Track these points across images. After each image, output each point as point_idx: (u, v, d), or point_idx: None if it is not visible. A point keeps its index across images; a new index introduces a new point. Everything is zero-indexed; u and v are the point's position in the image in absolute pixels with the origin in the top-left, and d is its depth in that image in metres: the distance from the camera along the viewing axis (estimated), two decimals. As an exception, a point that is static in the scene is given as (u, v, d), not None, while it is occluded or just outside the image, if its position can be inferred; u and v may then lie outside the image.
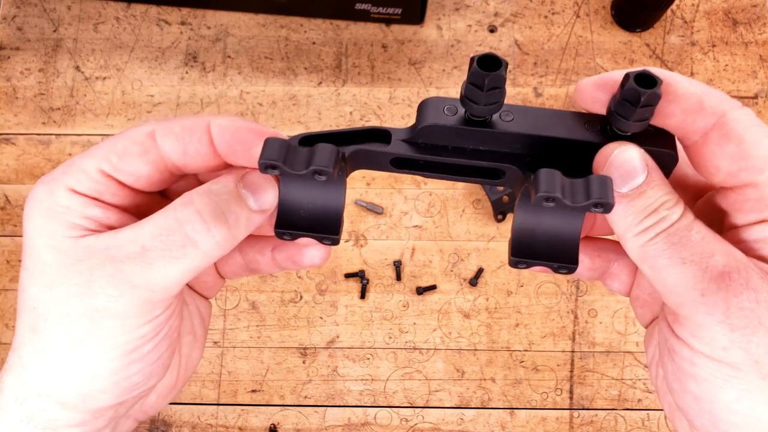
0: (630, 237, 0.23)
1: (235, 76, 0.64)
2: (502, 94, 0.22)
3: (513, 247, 0.25)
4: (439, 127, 0.24)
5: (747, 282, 0.21)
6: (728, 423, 0.22)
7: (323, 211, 0.27)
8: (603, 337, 0.58)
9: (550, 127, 0.24)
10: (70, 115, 0.63)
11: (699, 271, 0.21)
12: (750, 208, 0.23)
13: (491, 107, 0.23)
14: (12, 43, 0.65)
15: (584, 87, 0.24)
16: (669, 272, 0.22)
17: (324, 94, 0.64)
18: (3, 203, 0.62)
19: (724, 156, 0.22)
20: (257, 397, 0.58)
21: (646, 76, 0.21)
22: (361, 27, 0.65)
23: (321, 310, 0.59)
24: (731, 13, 0.65)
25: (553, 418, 0.57)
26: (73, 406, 0.25)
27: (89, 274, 0.24)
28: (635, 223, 0.23)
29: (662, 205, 0.22)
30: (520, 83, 0.63)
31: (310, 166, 0.23)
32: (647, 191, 0.23)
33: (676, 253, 0.22)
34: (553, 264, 0.25)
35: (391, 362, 0.58)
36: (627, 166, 0.22)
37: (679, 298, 0.22)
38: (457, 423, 0.57)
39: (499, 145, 0.24)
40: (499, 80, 0.21)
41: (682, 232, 0.22)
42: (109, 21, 0.66)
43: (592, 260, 0.29)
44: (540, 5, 0.66)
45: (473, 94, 0.22)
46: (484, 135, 0.24)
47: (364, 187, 0.61)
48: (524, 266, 0.25)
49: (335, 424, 0.57)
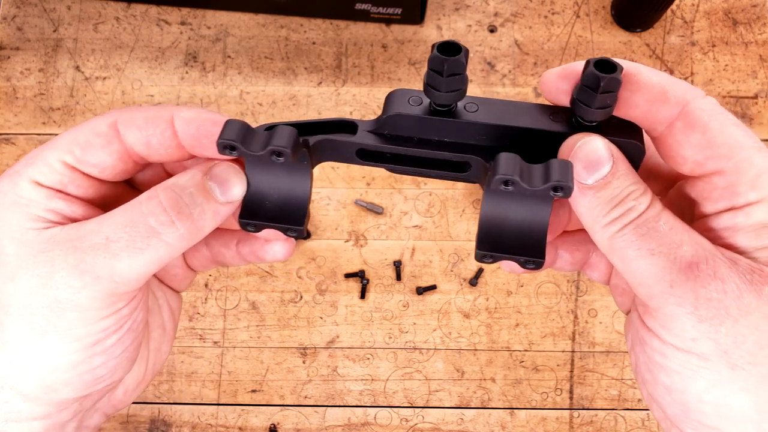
0: (598, 229, 0.23)
1: (235, 76, 0.64)
2: (464, 81, 0.22)
3: (479, 240, 0.25)
4: (403, 117, 0.24)
5: (715, 272, 0.21)
6: (699, 413, 0.22)
7: (288, 202, 0.26)
8: (603, 337, 0.58)
9: (515, 117, 0.24)
10: (70, 115, 0.63)
11: (667, 261, 0.21)
12: (718, 196, 0.23)
13: (453, 94, 0.23)
14: (12, 43, 0.65)
15: (548, 78, 0.24)
16: (638, 264, 0.22)
17: (324, 94, 0.64)
18: (3, 203, 0.62)
19: (690, 145, 0.22)
20: (257, 397, 0.58)
21: (606, 62, 0.21)
22: (361, 27, 0.65)
23: (321, 310, 0.59)
24: (731, 13, 0.65)
25: (553, 418, 0.57)
26: (36, 398, 0.25)
27: (51, 265, 0.24)
28: (602, 214, 0.22)
29: (629, 195, 0.22)
30: (520, 83, 0.63)
31: (268, 147, 0.23)
32: (613, 181, 0.22)
33: (645, 245, 0.22)
34: (520, 258, 0.25)
35: (391, 362, 0.58)
36: (592, 156, 0.22)
37: (648, 289, 0.22)
38: (457, 423, 0.57)
39: (464, 136, 0.24)
40: (458, 66, 0.21)
41: (650, 222, 0.22)
42: (109, 21, 0.66)
43: (572, 254, 0.28)
44: (540, 5, 0.66)
45: (434, 81, 0.22)
46: (449, 125, 0.24)
47: (364, 187, 0.61)
48: (490, 260, 0.25)
49: (335, 424, 0.57)
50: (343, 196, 0.61)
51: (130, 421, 0.57)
